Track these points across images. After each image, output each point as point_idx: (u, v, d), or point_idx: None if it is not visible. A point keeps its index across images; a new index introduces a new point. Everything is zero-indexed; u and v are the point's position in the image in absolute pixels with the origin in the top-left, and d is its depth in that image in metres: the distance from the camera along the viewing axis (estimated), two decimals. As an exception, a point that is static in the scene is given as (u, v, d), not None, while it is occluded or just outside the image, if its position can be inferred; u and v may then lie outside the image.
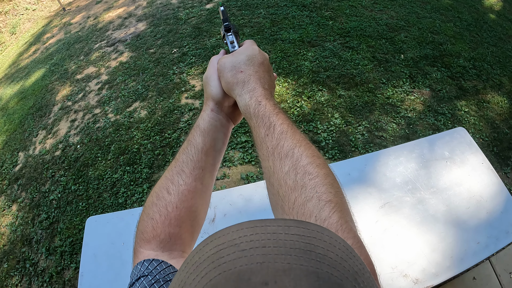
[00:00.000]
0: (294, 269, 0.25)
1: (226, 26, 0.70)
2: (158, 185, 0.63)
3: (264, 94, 0.56)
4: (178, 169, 0.62)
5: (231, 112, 0.67)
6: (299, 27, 4.34)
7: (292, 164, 0.48)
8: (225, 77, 0.60)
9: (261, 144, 0.53)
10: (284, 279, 0.24)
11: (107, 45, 5.00)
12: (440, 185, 1.54)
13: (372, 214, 1.44)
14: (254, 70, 0.59)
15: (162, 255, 0.59)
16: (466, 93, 3.34)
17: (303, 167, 0.47)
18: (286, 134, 0.51)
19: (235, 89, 0.59)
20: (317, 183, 0.46)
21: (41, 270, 2.57)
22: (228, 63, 0.60)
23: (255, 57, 0.61)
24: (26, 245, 2.78)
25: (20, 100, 4.72)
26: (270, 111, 0.53)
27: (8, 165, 3.62)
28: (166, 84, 3.84)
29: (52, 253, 2.64)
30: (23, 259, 2.69)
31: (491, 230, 1.40)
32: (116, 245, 1.54)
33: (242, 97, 0.57)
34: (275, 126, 0.52)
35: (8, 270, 2.67)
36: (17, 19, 8.27)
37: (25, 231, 2.88)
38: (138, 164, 3.02)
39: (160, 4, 5.69)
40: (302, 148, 0.49)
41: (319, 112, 3.16)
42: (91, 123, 3.62)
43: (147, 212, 0.62)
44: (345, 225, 0.43)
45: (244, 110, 0.57)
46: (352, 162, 1.66)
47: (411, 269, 1.29)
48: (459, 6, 4.81)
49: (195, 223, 0.65)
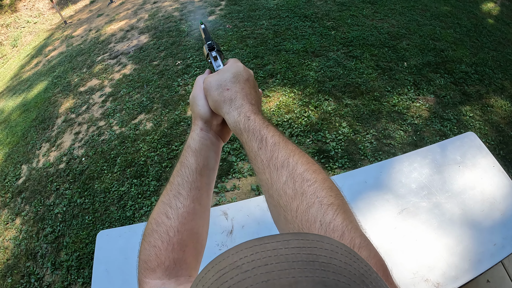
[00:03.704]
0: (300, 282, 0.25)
1: (210, 45, 0.71)
2: (156, 211, 0.62)
3: (252, 110, 0.57)
4: (174, 192, 0.62)
5: (219, 130, 0.68)
6: (302, 38, 4.39)
7: (289, 173, 0.48)
8: (212, 96, 0.60)
9: (255, 158, 0.53)
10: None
11: (110, 57, 5.04)
12: (454, 189, 1.56)
13: (391, 221, 1.44)
14: (240, 87, 0.60)
15: (169, 283, 0.58)
16: (470, 98, 3.36)
17: (300, 175, 0.48)
18: (279, 145, 0.51)
19: (223, 107, 0.59)
20: (317, 188, 0.46)
21: (47, 285, 2.54)
22: (214, 82, 0.61)
23: (240, 74, 0.61)
24: (31, 259, 2.74)
25: (23, 112, 4.74)
26: (260, 125, 0.54)
27: (11, 178, 3.60)
28: (171, 96, 3.86)
29: (58, 267, 2.60)
30: (28, 273, 2.66)
31: (506, 231, 1.41)
32: (130, 260, 1.50)
33: (231, 114, 0.57)
34: (267, 138, 0.52)
35: (12, 285, 2.64)
36: (18, 31, 8.37)
37: (29, 245, 2.84)
38: (146, 177, 3.01)
39: (162, 17, 5.76)
40: (297, 156, 0.50)
41: (327, 122, 3.17)
42: (96, 136, 3.62)
43: (148, 240, 0.61)
44: (350, 225, 0.43)
45: (234, 127, 0.57)
46: (368, 170, 1.67)
47: (431, 273, 1.29)
48: (458, 12, 4.89)
49: (198, 245, 0.65)
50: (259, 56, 4.15)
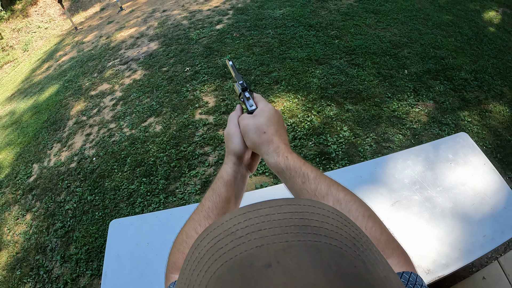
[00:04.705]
0: (293, 246, 0.26)
1: (242, 85, 0.75)
2: (187, 225, 0.70)
3: (287, 149, 0.66)
4: (204, 214, 0.69)
5: (249, 163, 0.76)
6: (307, 46, 4.51)
7: (334, 198, 0.58)
8: (251, 138, 0.68)
9: (300, 190, 0.62)
10: (285, 258, 0.25)
11: (120, 63, 5.19)
12: (446, 185, 1.63)
13: (384, 212, 1.52)
14: (275, 129, 0.68)
15: None
16: (469, 103, 3.44)
17: (343, 198, 0.58)
18: (320, 178, 0.61)
19: (262, 148, 0.67)
20: (358, 206, 0.57)
21: (56, 277, 2.60)
22: (252, 126, 0.68)
23: (273, 117, 0.69)
24: (40, 253, 2.82)
25: (34, 114, 4.86)
26: (298, 163, 0.63)
27: (22, 176, 3.70)
28: (180, 100, 3.98)
29: (67, 260, 2.68)
30: (37, 266, 2.73)
31: (495, 224, 1.48)
32: (141, 246, 1.58)
33: (270, 155, 0.66)
34: (308, 174, 0.61)
35: (21, 277, 2.70)
36: (29, 36, 8.56)
37: (39, 239, 2.92)
38: (155, 176, 3.11)
39: (171, 25, 5.92)
40: (335, 185, 0.60)
41: (329, 126, 3.27)
42: (107, 137, 3.74)
43: (178, 247, 0.69)
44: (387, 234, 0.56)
45: (275, 167, 0.65)
46: (363, 166, 1.75)
47: (423, 261, 1.36)
48: (459, 21, 4.98)
49: None
50: (265, 64, 4.27)
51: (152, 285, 1.42)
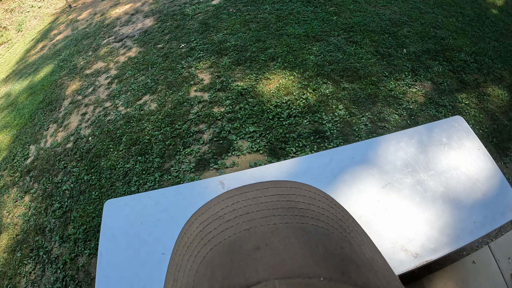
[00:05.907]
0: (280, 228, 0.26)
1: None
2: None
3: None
4: None
5: None
6: (304, 23, 4.42)
7: None
8: None
9: None
10: (273, 240, 0.25)
11: (115, 40, 5.10)
12: (438, 169, 1.62)
13: (374, 194, 1.52)
14: None
15: None
16: (467, 86, 3.41)
17: None
18: None
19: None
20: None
21: (55, 257, 2.64)
22: None
23: None
24: (40, 234, 2.85)
25: (30, 95, 4.82)
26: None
27: (20, 158, 3.71)
28: (175, 77, 3.94)
29: (66, 240, 2.71)
30: (37, 247, 2.76)
31: (486, 211, 1.47)
32: (134, 225, 1.60)
33: None
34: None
35: (21, 258, 2.74)
36: (23, 16, 8.36)
37: (38, 220, 2.95)
38: (150, 154, 3.12)
39: (166, 1, 5.78)
40: None
41: (324, 104, 3.25)
42: (102, 116, 3.72)
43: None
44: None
45: None
46: (355, 146, 1.73)
47: (410, 244, 1.37)
48: (462, 2, 4.86)
49: None
50: (261, 40, 4.19)
51: (145, 263, 1.45)
